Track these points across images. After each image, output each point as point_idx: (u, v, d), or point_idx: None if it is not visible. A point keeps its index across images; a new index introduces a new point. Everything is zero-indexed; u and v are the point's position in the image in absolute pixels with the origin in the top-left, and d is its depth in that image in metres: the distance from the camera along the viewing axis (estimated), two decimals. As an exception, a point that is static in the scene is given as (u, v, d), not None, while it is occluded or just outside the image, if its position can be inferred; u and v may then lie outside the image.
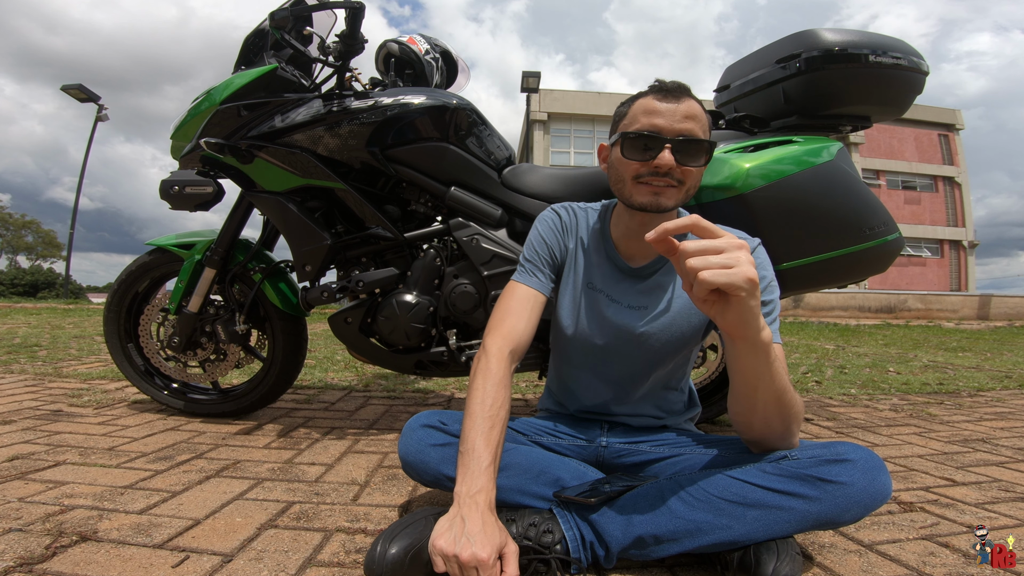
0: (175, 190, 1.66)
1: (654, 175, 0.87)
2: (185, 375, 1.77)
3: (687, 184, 0.88)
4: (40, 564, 0.81)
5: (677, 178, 0.87)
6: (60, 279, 22.80)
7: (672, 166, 0.86)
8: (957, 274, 21.52)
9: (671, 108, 0.86)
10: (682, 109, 0.86)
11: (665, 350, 0.98)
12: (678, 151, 0.86)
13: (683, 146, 0.86)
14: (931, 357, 4.13)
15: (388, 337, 1.50)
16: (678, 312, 0.96)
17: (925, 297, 12.25)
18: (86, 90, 12.62)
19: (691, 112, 0.87)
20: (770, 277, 0.90)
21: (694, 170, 0.88)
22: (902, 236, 1.40)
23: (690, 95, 0.89)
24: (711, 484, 0.81)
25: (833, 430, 1.81)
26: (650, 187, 0.87)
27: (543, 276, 0.98)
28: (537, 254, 1.00)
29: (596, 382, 1.04)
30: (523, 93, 12.70)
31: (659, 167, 0.86)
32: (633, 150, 0.88)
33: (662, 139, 0.86)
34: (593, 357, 1.02)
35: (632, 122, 0.89)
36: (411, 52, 1.72)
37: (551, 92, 19.26)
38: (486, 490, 0.77)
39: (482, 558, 0.69)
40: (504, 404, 0.86)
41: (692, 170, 0.87)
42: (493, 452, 0.80)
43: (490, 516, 0.74)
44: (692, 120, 0.86)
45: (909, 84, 1.44)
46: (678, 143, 0.85)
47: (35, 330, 4.52)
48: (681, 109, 0.86)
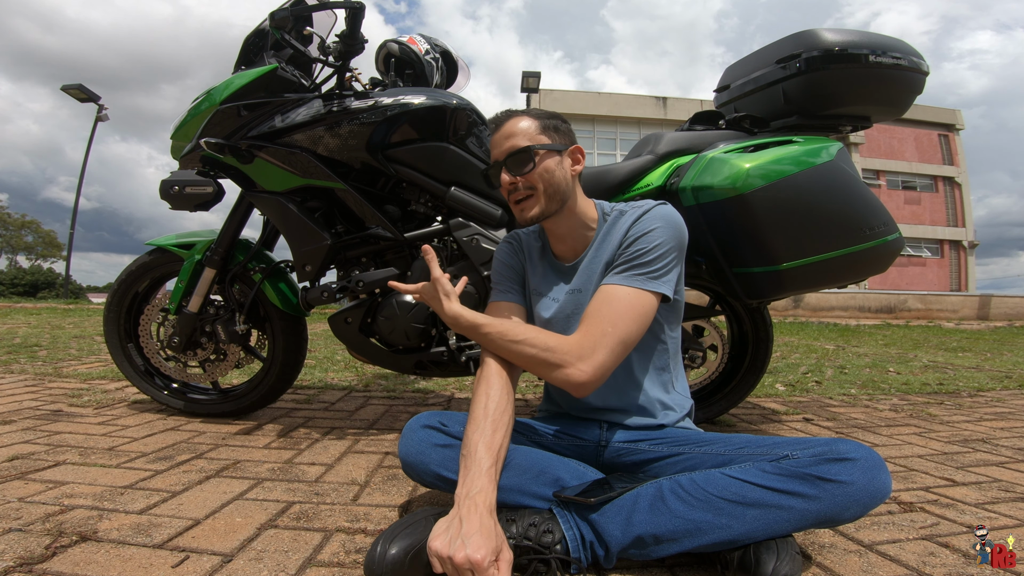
0: (175, 190, 1.66)
1: (513, 194, 1.00)
2: (185, 375, 1.77)
3: (539, 189, 0.98)
4: (40, 564, 0.81)
5: (527, 187, 0.98)
6: (60, 279, 22.81)
7: (511, 180, 0.98)
8: (957, 274, 21.51)
9: (498, 136, 1.01)
10: (504, 132, 1.00)
11: None
12: (509, 167, 0.98)
13: (511, 161, 0.98)
14: (931, 357, 4.13)
15: (388, 337, 1.50)
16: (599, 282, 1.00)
17: (925, 297, 12.25)
18: (86, 90, 12.62)
19: (511, 131, 0.99)
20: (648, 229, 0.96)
21: (533, 174, 0.98)
22: (902, 236, 1.40)
23: (513, 115, 1.01)
24: (710, 484, 0.81)
25: (833, 430, 1.81)
26: (517, 205, 1.01)
27: (516, 292, 1.10)
28: (503, 276, 1.11)
29: None
30: (523, 93, 12.73)
31: (505, 186, 0.99)
32: (494, 179, 1.02)
33: (498, 164, 1.00)
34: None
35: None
36: (411, 52, 1.72)
37: (551, 92, 19.26)
38: (486, 492, 0.77)
39: (476, 560, 0.69)
40: (507, 409, 0.88)
41: (531, 176, 0.98)
42: (495, 455, 0.82)
43: (488, 519, 0.75)
44: (513, 136, 0.98)
45: (909, 84, 1.44)
46: (507, 161, 0.98)
47: (35, 330, 4.52)
48: (503, 132, 1.00)
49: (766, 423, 1.90)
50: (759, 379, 1.78)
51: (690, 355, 1.68)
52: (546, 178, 0.98)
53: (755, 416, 1.99)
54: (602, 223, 1.05)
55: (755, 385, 1.79)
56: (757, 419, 1.94)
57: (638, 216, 1.00)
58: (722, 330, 1.78)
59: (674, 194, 1.39)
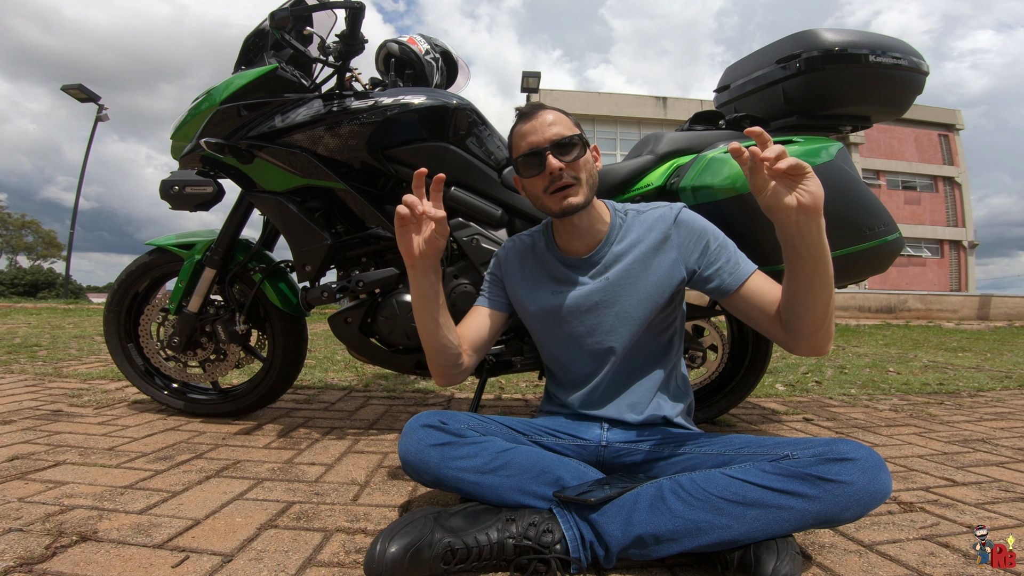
0: (175, 190, 1.66)
1: (556, 182, 0.98)
2: (185, 375, 1.77)
3: (583, 177, 0.99)
4: (40, 564, 0.81)
5: (571, 176, 0.98)
6: (60, 279, 22.80)
7: (560, 167, 0.97)
8: (957, 274, 21.51)
9: (534, 124, 1.00)
10: (542, 120, 1.00)
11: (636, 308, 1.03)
12: (557, 153, 0.97)
13: (558, 147, 0.98)
14: (931, 357, 4.13)
15: (388, 337, 1.50)
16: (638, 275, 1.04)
17: (925, 297, 12.25)
18: (86, 90, 12.63)
19: (553, 120, 1.00)
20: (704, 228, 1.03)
21: (579, 162, 0.99)
22: (902, 236, 1.40)
23: (544, 108, 1.02)
24: (711, 484, 0.82)
25: (833, 430, 1.81)
26: (558, 194, 0.99)
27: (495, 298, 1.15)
28: (488, 283, 1.17)
29: (581, 353, 1.07)
30: (523, 93, 12.73)
31: (552, 172, 0.97)
32: (527, 168, 1.00)
33: (541, 150, 0.98)
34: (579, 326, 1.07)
35: (516, 150, 1.03)
36: (411, 52, 1.72)
37: (551, 92, 19.26)
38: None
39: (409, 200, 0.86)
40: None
41: (577, 163, 0.99)
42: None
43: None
44: (555, 125, 0.99)
45: (909, 84, 1.44)
46: (554, 147, 0.97)
47: (35, 330, 4.52)
48: (542, 121, 1.00)
49: (766, 423, 1.90)
50: (759, 379, 1.78)
51: (690, 355, 1.68)
52: (588, 168, 1.01)
53: (755, 416, 1.99)
54: (616, 219, 1.08)
55: (755, 385, 1.79)
56: (757, 419, 1.94)
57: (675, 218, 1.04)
58: (722, 330, 1.78)
59: (674, 194, 1.39)
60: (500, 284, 1.16)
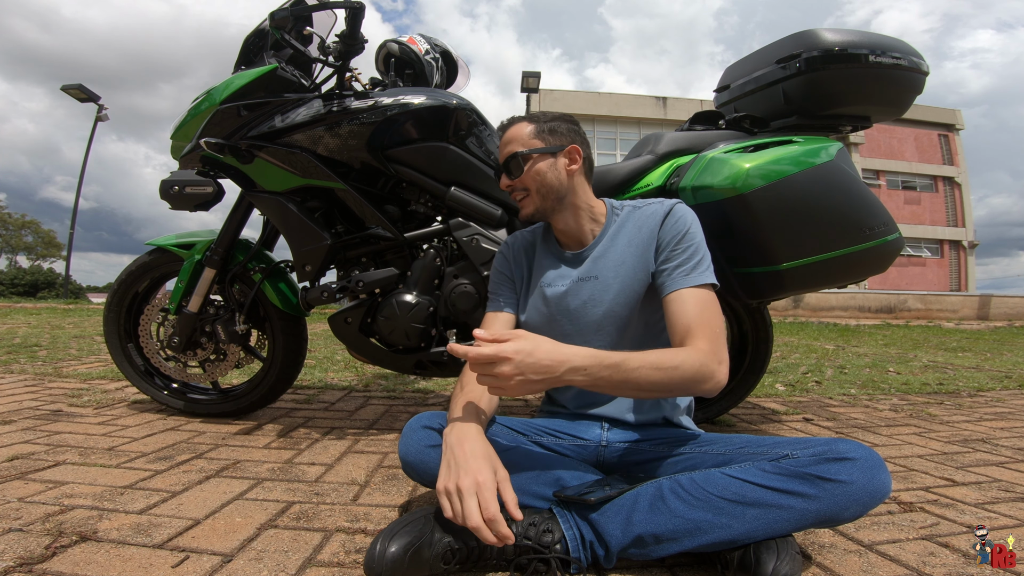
0: (175, 190, 1.66)
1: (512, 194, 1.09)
2: (185, 375, 1.77)
3: (532, 189, 1.06)
4: (40, 564, 0.81)
5: (521, 188, 1.07)
6: (60, 279, 22.79)
7: (509, 184, 1.08)
8: (957, 274, 21.51)
9: (501, 143, 1.10)
10: (504, 139, 1.09)
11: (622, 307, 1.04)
12: (506, 171, 1.08)
13: (507, 165, 1.08)
14: (931, 357, 4.13)
15: (388, 337, 1.50)
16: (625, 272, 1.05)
17: (925, 297, 12.25)
18: (86, 90, 12.62)
19: (508, 137, 1.08)
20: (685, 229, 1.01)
21: (525, 178, 1.06)
22: (902, 236, 1.40)
23: (515, 122, 1.09)
24: (710, 483, 0.82)
25: (833, 430, 1.81)
26: (518, 204, 1.09)
27: (504, 299, 1.15)
28: (498, 285, 1.17)
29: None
30: (523, 93, 12.73)
31: (505, 188, 1.09)
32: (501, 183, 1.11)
33: (499, 167, 1.11)
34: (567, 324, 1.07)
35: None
36: (411, 52, 1.72)
37: (551, 92, 19.26)
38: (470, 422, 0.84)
39: (480, 480, 0.73)
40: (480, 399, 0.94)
41: (523, 179, 1.06)
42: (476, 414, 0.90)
43: (479, 440, 0.81)
44: (510, 143, 1.07)
45: (909, 84, 1.44)
46: (504, 165, 1.08)
47: (35, 330, 4.52)
48: (503, 139, 1.09)
49: (766, 423, 1.90)
50: (759, 379, 1.78)
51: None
52: (538, 180, 1.05)
53: (755, 416, 1.99)
54: (612, 217, 1.09)
55: (755, 385, 1.79)
56: (757, 419, 1.94)
57: (665, 214, 1.04)
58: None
59: (674, 194, 1.39)
60: (509, 280, 1.16)
